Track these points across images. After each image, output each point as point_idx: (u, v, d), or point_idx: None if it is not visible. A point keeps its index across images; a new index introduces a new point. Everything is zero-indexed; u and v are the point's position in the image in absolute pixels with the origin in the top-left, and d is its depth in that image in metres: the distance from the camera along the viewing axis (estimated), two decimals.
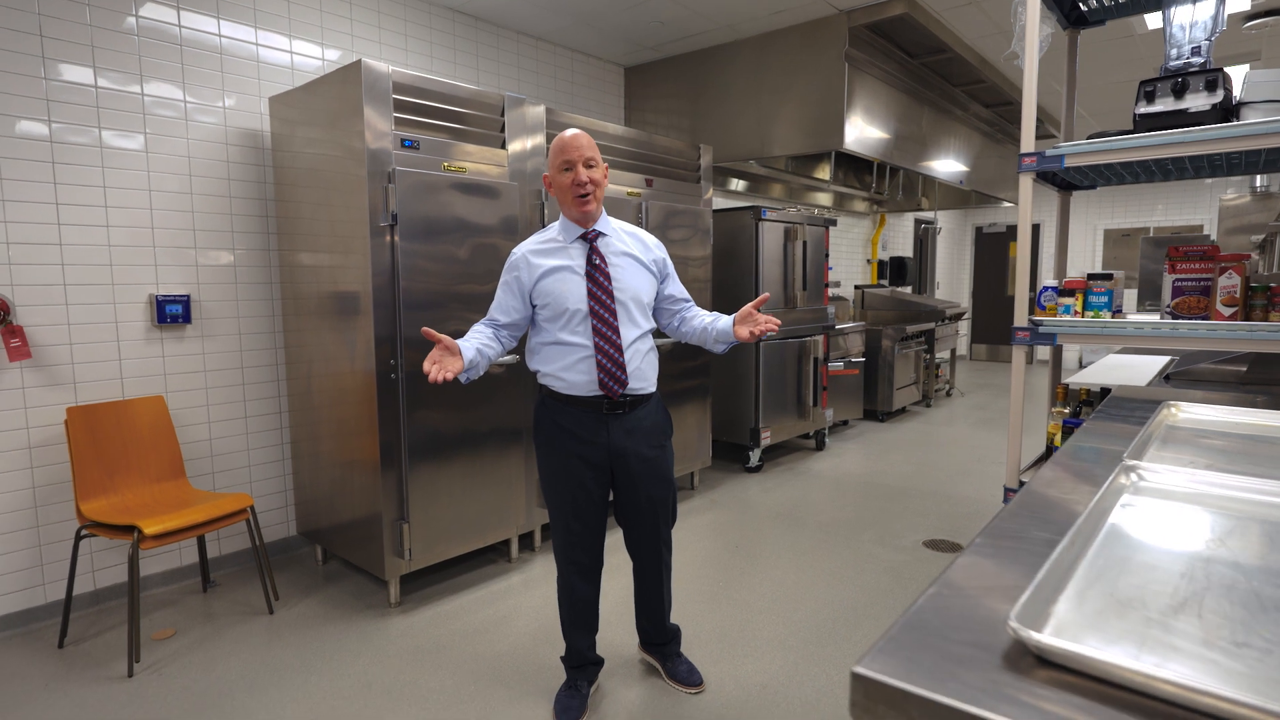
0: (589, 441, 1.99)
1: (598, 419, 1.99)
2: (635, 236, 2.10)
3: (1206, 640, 0.57)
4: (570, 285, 1.95)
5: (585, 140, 1.95)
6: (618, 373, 1.95)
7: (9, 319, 2.59)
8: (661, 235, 3.82)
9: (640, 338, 2.00)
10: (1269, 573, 0.71)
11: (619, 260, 2.00)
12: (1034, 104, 1.98)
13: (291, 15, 3.35)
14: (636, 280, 2.01)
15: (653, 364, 2.06)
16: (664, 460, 2.11)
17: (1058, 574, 0.67)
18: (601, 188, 1.99)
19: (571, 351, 1.96)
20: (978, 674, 0.53)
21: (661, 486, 2.10)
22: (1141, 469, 1.00)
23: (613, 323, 1.95)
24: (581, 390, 1.97)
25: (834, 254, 7.57)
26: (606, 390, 1.95)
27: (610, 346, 1.94)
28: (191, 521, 2.50)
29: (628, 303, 1.98)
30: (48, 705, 2.21)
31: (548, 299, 1.97)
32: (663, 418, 2.13)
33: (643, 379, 2.01)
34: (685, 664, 2.30)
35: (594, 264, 1.97)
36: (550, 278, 1.97)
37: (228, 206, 3.16)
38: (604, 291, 1.96)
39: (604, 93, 5.01)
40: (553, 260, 1.98)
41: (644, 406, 2.04)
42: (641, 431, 2.03)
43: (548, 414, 2.04)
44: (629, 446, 2.01)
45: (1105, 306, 2.04)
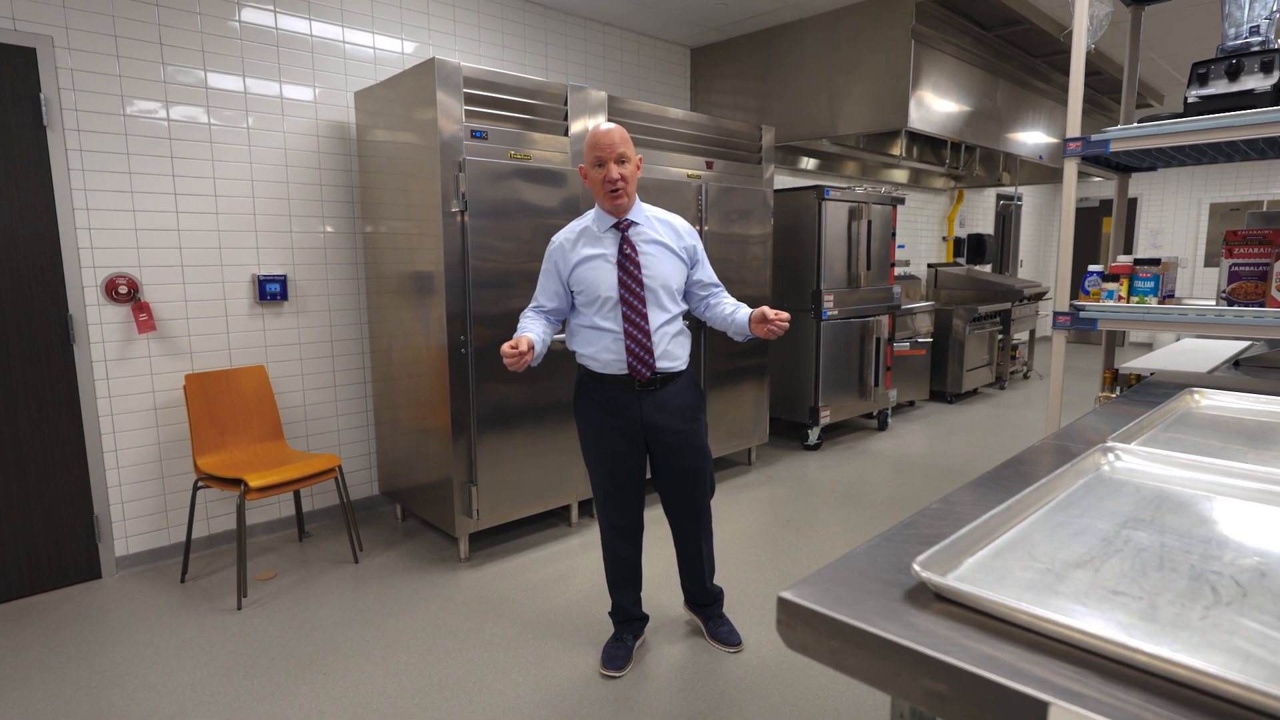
0: (623, 415, 2.14)
1: (630, 395, 2.13)
2: (667, 224, 2.19)
3: (1088, 590, 0.68)
4: (602, 274, 2.08)
5: (619, 135, 2.04)
6: (645, 356, 2.08)
7: (138, 296, 2.96)
8: (720, 216, 3.91)
9: (668, 321, 2.12)
10: (1188, 539, 0.80)
11: (650, 249, 2.11)
12: (1080, 88, 1.97)
13: (374, 13, 3.60)
14: (665, 267, 2.12)
15: (682, 344, 2.17)
16: (697, 433, 2.22)
17: (983, 532, 0.78)
18: (633, 181, 2.09)
19: (604, 335, 2.10)
20: (880, 603, 0.66)
21: (696, 457, 2.22)
22: (1119, 449, 1.08)
23: (641, 309, 2.07)
24: (613, 369, 2.11)
25: (907, 232, 7.42)
26: (635, 372, 2.09)
27: (639, 332, 2.07)
28: (289, 477, 2.82)
29: (657, 289, 2.09)
30: (174, 629, 2.58)
31: (582, 286, 2.11)
32: (694, 394, 2.23)
33: (671, 359, 2.13)
34: (726, 625, 2.44)
35: (625, 254, 2.08)
36: (584, 266, 2.10)
37: (319, 193, 3.46)
38: (634, 280, 2.07)
39: (669, 74, 5.09)
40: (587, 249, 2.11)
41: (674, 384, 2.16)
42: (673, 407, 2.16)
43: (585, 389, 2.20)
44: (661, 421, 2.14)
45: (1151, 292, 2.03)
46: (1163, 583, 0.69)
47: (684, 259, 2.18)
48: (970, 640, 0.59)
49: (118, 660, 2.39)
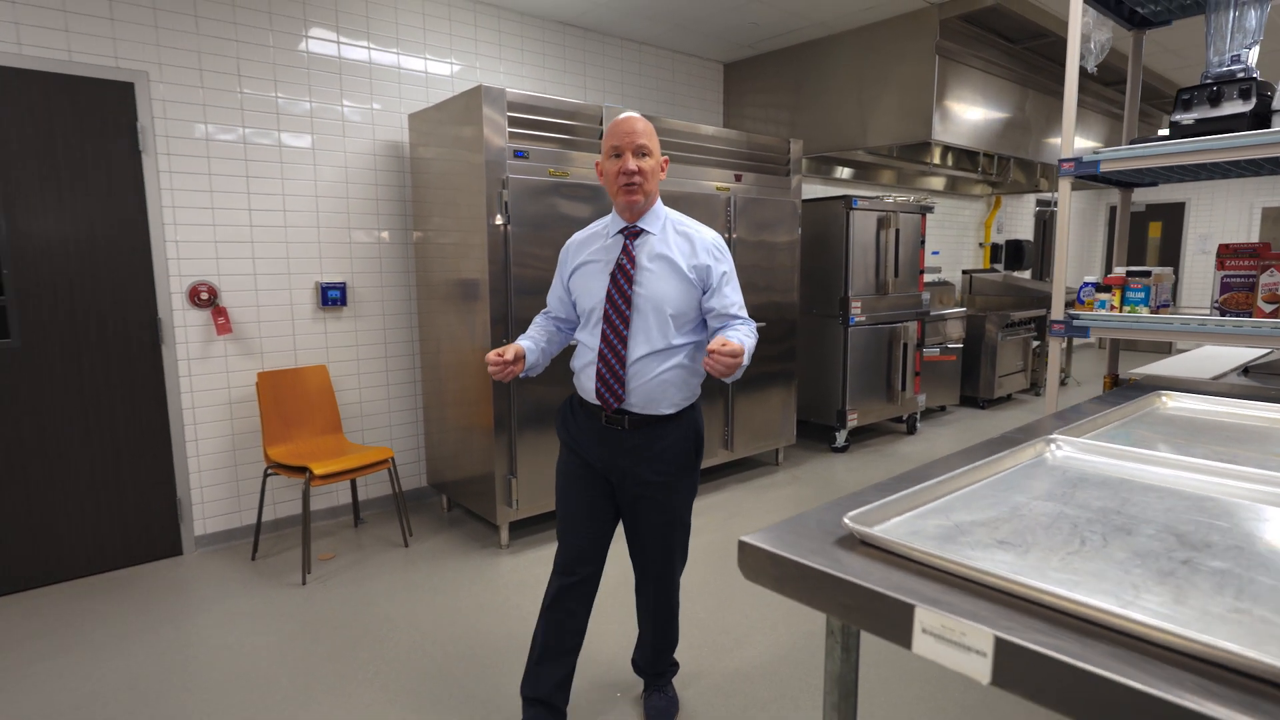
0: (587, 447, 1.86)
1: (599, 428, 1.83)
2: (686, 238, 1.82)
3: (980, 541, 0.87)
4: (593, 281, 1.81)
5: (642, 125, 1.75)
6: (614, 385, 1.77)
7: (217, 302, 3.29)
8: (748, 226, 4.10)
9: (654, 355, 1.76)
10: (1085, 509, 0.98)
11: (652, 264, 1.77)
12: (1073, 111, 2.12)
13: (427, 40, 3.89)
14: (664, 288, 1.76)
15: (672, 386, 1.80)
16: (671, 492, 1.87)
17: (913, 501, 0.97)
18: (653, 180, 1.77)
19: (585, 353, 1.84)
20: (815, 545, 0.86)
21: (663, 520, 1.89)
22: (1060, 440, 1.25)
23: (622, 331, 1.75)
24: (587, 396, 1.83)
25: (943, 238, 7.48)
26: (602, 400, 1.78)
27: (612, 355, 1.76)
28: (348, 467, 3.11)
29: (647, 311, 1.76)
30: (246, 601, 2.89)
31: (576, 294, 1.88)
32: (684, 446, 1.85)
33: (651, 401, 1.78)
34: (665, 698, 2.14)
35: (620, 264, 1.77)
36: (581, 271, 1.86)
37: (375, 207, 3.76)
38: (621, 295, 1.76)
39: (704, 89, 5.29)
40: (589, 253, 1.85)
41: (655, 429, 1.81)
42: (647, 454, 1.81)
43: (567, 409, 1.94)
44: (625, 466, 1.82)
45: (1143, 302, 2.16)
46: (1044, 538, 0.88)
47: (693, 281, 1.79)
48: (876, 571, 0.79)
49: (200, 626, 2.70)
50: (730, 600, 2.85)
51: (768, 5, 4.12)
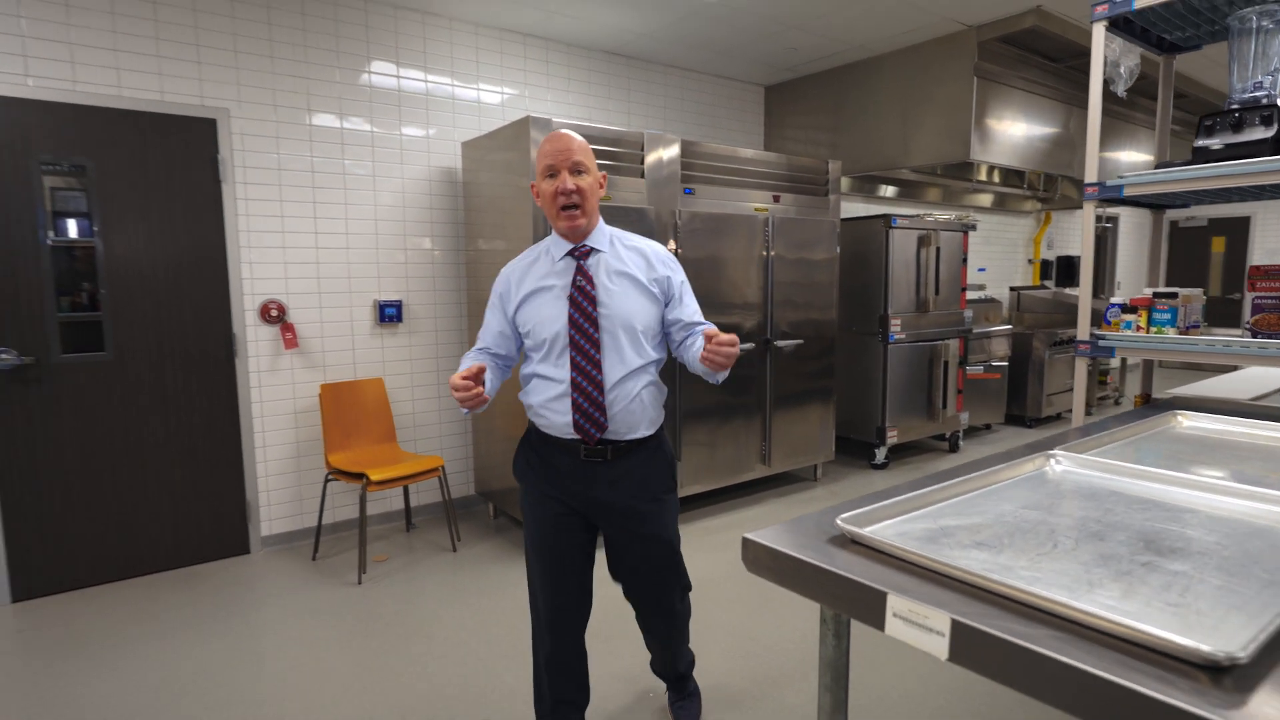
0: (560, 484, 1.74)
1: (574, 464, 1.72)
2: (638, 252, 1.78)
3: (961, 543, 0.96)
4: (549, 310, 1.69)
5: (577, 143, 1.67)
6: (595, 414, 1.67)
7: (285, 318, 3.55)
8: (786, 245, 4.20)
9: (630, 376, 1.70)
10: (1067, 517, 1.06)
11: (612, 282, 1.70)
12: (1096, 138, 2.18)
13: (479, 70, 4.13)
14: (629, 305, 1.70)
15: (648, 405, 1.75)
16: (660, 516, 1.79)
17: (906, 507, 1.07)
18: (593, 198, 1.70)
19: (550, 387, 1.70)
20: (811, 542, 0.97)
21: (658, 547, 1.80)
22: (1059, 455, 1.33)
23: (594, 356, 1.66)
24: (559, 431, 1.71)
25: (990, 255, 7.43)
26: (582, 433, 1.68)
27: (588, 383, 1.66)
28: (401, 474, 3.31)
29: (617, 332, 1.68)
30: (307, 597, 3.10)
31: (528, 325, 1.73)
32: (662, 465, 1.80)
33: (631, 424, 1.71)
34: (690, 706, 2.14)
35: (578, 285, 1.67)
36: (531, 301, 1.72)
37: (429, 229, 3.99)
38: (587, 319, 1.66)
39: (744, 112, 5.42)
40: (537, 281, 1.73)
41: (635, 454, 1.74)
42: (632, 482, 1.74)
43: (526, 444, 1.82)
44: (611, 498, 1.73)
45: (1169, 323, 2.19)
46: (1019, 541, 0.97)
47: (655, 294, 1.75)
48: (861, 565, 0.90)
49: (267, 618, 2.91)
50: (763, 609, 2.93)
51: (805, 31, 4.23)
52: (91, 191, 3.11)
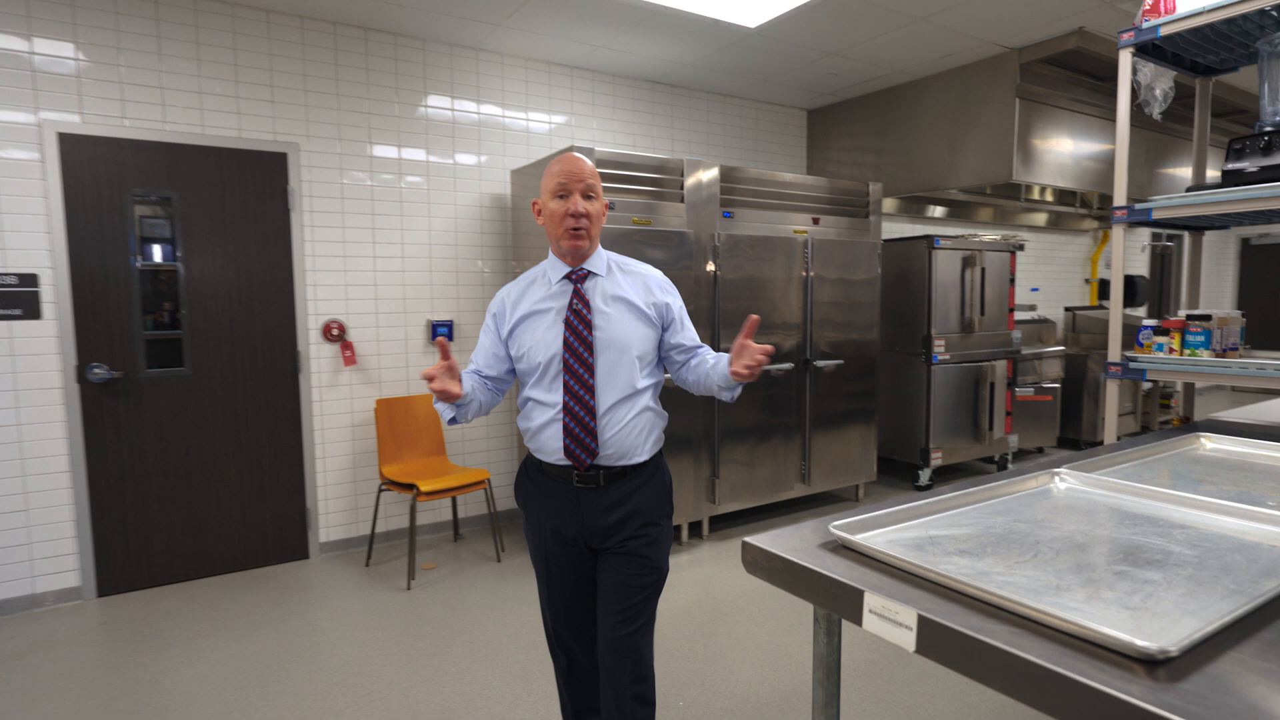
0: (561, 515, 1.71)
1: (569, 492, 1.70)
2: (635, 276, 1.78)
3: (945, 551, 1.03)
4: (543, 333, 1.68)
5: (588, 168, 1.67)
6: (586, 439, 1.64)
7: (345, 337, 3.79)
8: (825, 267, 4.25)
9: (624, 401, 1.67)
10: (1055, 530, 1.11)
11: (609, 306, 1.69)
12: (1125, 162, 2.20)
13: (529, 99, 4.34)
14: (626, 330, 1.69)
15: (644, 430, 1.71)
16: (654, 543, 1.73)
17: (900, 517, 1.14)
18: (598, 224, 1.71)
19: (543, 411, 1.68)
20: (804, 546, 1.05)
21: (647, 576, 1.72)
22: (1063, 473, 1.37)
23: (587, 380, 1.64)
24: (552, 456, 1.68)
25: (1043, 274, 7.29)
26: (572, 458, 1.65)
27: (580, 408, 1.64)
28: (450, 485, 3.48)
29: (611, 356, 1.67)
30: (361, 600, 3.27)
31: (522, 349, 1.71)
32: (657, 492, 1.75)
33: (624, 450, 1.68)
34: None
35: (574, 309, 1.66)
36: (525, 324, 1.71)
37: (479, 252, 4.19)
38: (581, 342, 1.65)
39: (786, 135, 5.51)
40: (532, 304, 1.71)
41: (630, 480, 1.70)
42: (624, 508, 1.69)
43: (525, 474, 1.80)
44: (604, 524, 1.69)
45: (1203, 345, 2.18)
46: (1002, 549, 1.03)
47: (653, 319, 1.74)
48: (846, 567, 0.98)
49: (323, 619, 3.09)
50: (796, 625, 2.97)
51: (844, 57, 4.31)
52: (175, 220, 3.40)
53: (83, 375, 3.20)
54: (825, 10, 3.58)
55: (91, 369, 3.21)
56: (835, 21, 3.74)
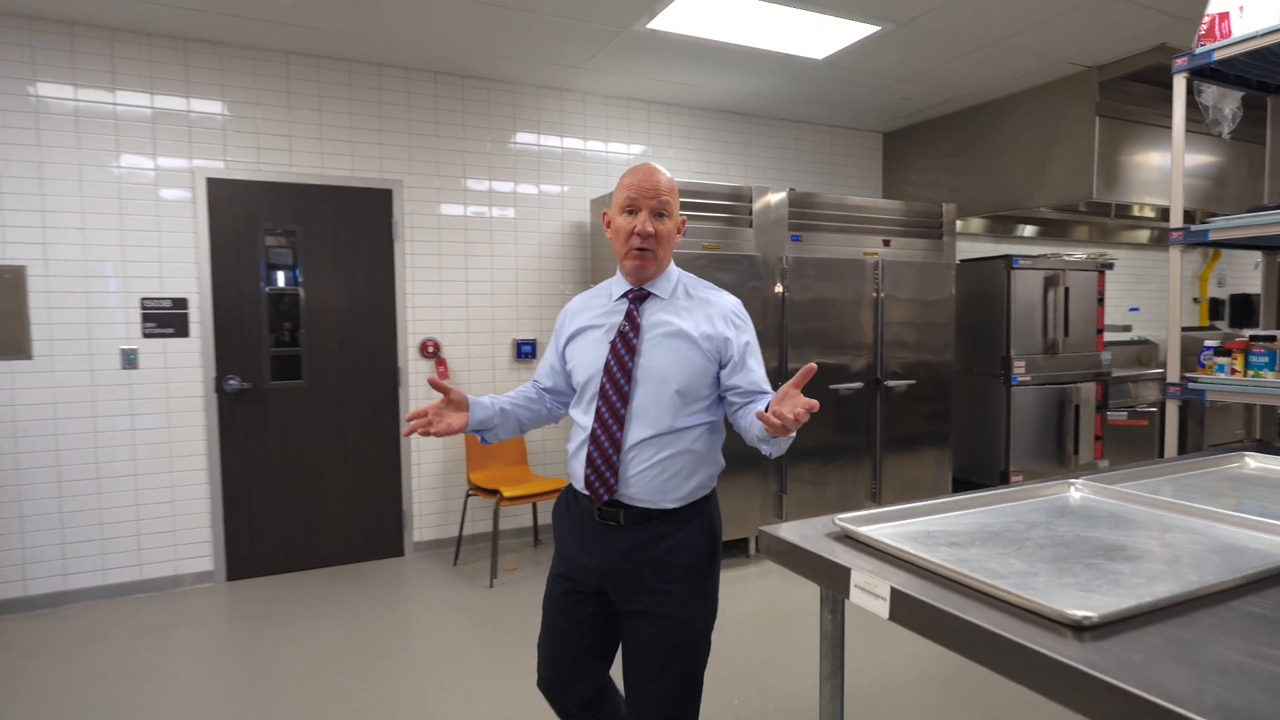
0: (581, 548, 1.56)
1: (592, 526, 1.54)
2: (702, 303, 1.59)
3: (937, 543, 1.16)
4: (588, 351, 1.57)
5: (664, 181, 1.52)
6: (606, 473, 1.49)
7: (439, 354, 4.16)
8: (896, 287, 4.30)
9: (657, 439, 1.49)
10: (1048, 530, 1.22)
11: (660, 333, 1.53)
12: (1180, 186, 2.22)
13: (608, 132, 4.63)
14: (671, 360, 1.51)
15: (678, 474, 1.51)
16: (681, 604, 1.50)
17: (906, 515, 1.28)
18: (668, 246, 1.55)
19: (577, 434, 1.58)
20: (813, 535, 1.21)
21: (667, 640, 1.49)
22: (1078, 484, 1.46)
23: (619, 409, 1.49)
24: (578, 483, 1.56)
25: (1145, 294, 6.98)
26: (591, 490, 1.51)
27: (606, 437, 1.49)
28: (530, 491, 3.75)
29: (649, 388, 1.50)
30: (447, 595, 3.58)
31: (570, 364, 1.63)
32: (693, 542, 1.53)
33: (651, 492, 1.49)
34: None
35: (623, 331, 1.53)
36: (579, 338, 1.62)
37: (561, 275, 4.50)
38: (621, 369, 1.50)
39: (862, 159, 5.58)
40: (589, 318, 1.61)
41: (656, 525, 1.51)
42: (648, 556, 1.49)
43: (562, 505, 1.65)
44: (625, 572, 1.50)
45: (1268, 366, 2.16)
46: (991, 544, 1.15)
47: (707, 351, 1.53)
48: (844, 551, 1.13)
49: (415, 609, 3.41)
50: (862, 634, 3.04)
51: (916, 83, 4.38)
52: (297, 250, 3.87)
53: (220, 385, 3.69)
54: (889, 41, 3.69)
55: (227, 380, 3.69)
56: (900, 51, 3.84)
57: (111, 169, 3.47)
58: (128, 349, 3.51)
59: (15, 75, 3.29)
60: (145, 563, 3.58)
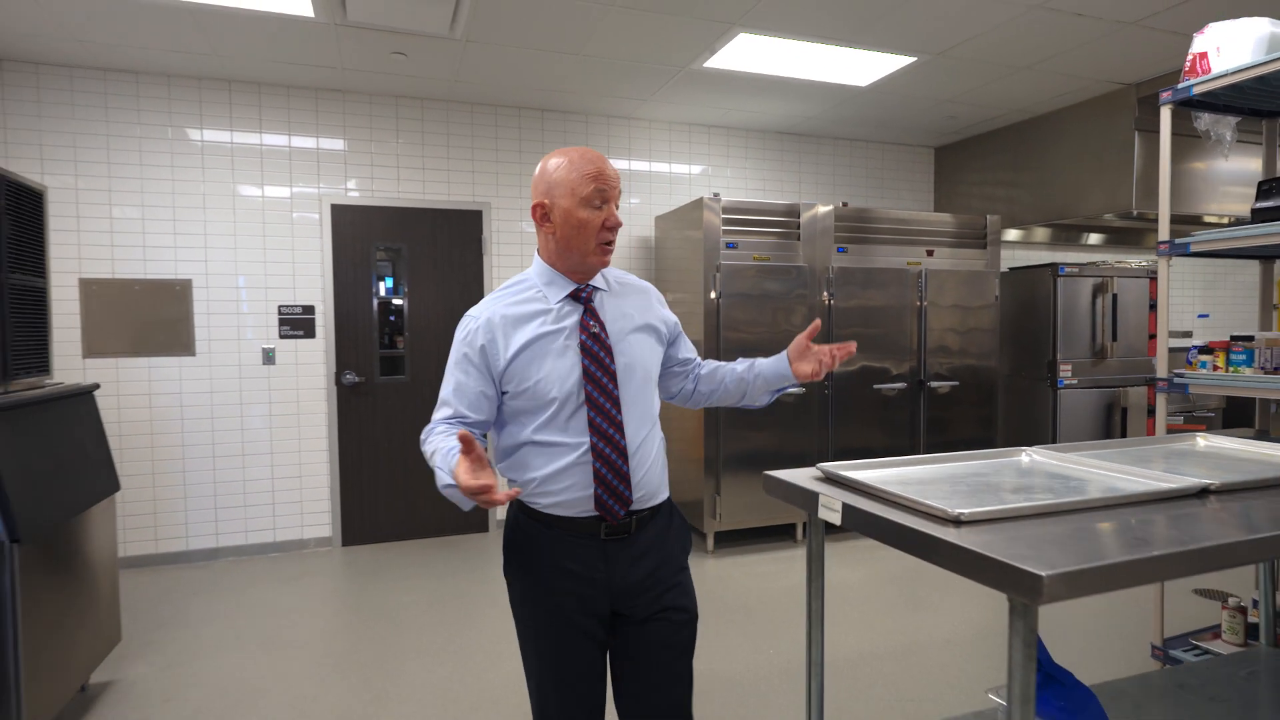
0: (584, 578, 1.43)
1: (595, 548, 1.43)
2: (639, 290, 1.61)
3: (902, 481, 1.56)
4: (555, 363, 1.41)
5: (616, 169, 1.46)
6: (620, 486, 1.41)
7: None
8: (939, 295, 4.60)
9: (650, 433, 1.49)
10: (987, 478, 1.60)
11: (625, 326, 1.49)
12: (1168, 202, 2.51)
13: (671, 154, 5.11)
14: (644, 351, 1.51)
15: (664, 463, 1.54)
16: (685, 589, 1.53)
17: (886, 463, 1.68)
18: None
19: (556, 455, 1.40)
20: (802, 477, 1.63)
21: (685, 632, 1.51)
22: (1031, 451, 1.82)
23: (615, 416, 1.41)
24: (573, 509, 1.41)
25: (1214, 300, 6.95)
26: (604, 511, 1.41)
27: (609, 447, 1.40)
28: None
29: (634, 383, 1.46)
30: None
31: (524, 383, 1.40)
32: (683, 532, 1.57)
33: (653, 489, 1.48)
34: None
35: (590, 332, 1.43)
36: (530, 352, 1.41)
37: None
38: (604, 371, 1.42)
39: (913, 173, 5.86)
40: (534, 330, 1.43)
41: (656, 522, 1.50)
42: (655, 557, 1.48)
43: (523, 535, 1.48)
44: (635, 578, 1.45)
45: (1245, 364, 2.42)
46: (938, 483, 1.54)
47: (663, 336, 1.60)
48: (819, 485, 1.56)
49: (494, 575, 3.95)
50: (898, 604, 3.38)
51: (958, 104, 4.68)
52: (401, 265, 4.50)
53: (339, 379, 4.35)
54: (927, 69, 4.03)
55: (345, 375, 4.35)
56: (939, 77, 4.16)
57: (256, 197, 4.18)
58: (268, 348, 4.21)
59: (183, 124, 4.04)
60: (279, 527, 4.27)
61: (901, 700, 2.59)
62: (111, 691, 2.68)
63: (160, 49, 3.65)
